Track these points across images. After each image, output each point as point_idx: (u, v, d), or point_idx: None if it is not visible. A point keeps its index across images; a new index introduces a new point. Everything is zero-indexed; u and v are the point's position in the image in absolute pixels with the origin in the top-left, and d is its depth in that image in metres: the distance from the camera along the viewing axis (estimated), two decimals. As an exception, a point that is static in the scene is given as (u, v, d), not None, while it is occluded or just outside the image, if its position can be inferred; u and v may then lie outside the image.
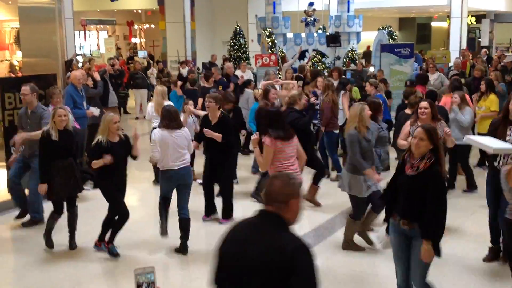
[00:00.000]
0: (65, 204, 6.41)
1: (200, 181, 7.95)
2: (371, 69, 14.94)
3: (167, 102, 8.48)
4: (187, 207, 6.31)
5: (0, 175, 8.29)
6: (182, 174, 6.24)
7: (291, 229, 2.72)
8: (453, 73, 11.14)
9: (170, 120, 6.17)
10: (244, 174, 9.45)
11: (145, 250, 6.46)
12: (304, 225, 6.90)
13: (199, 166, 8.39)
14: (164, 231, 6.45)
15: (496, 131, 5.51)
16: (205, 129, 7.09)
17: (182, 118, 7.87)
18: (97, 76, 10.42)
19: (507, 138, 5.41)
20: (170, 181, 6.28)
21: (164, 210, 6.46)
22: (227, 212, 7.27)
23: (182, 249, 6.25)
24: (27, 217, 7.28)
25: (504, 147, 5.26)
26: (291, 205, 2.72)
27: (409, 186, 4.27)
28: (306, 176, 7.41)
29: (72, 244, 6.40)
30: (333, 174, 9.21)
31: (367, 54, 22.38)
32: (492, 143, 5.25)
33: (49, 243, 6.37)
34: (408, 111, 8.20)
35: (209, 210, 7.37)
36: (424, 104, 6.31)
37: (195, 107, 9.16)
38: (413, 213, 4.27)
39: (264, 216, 2.76)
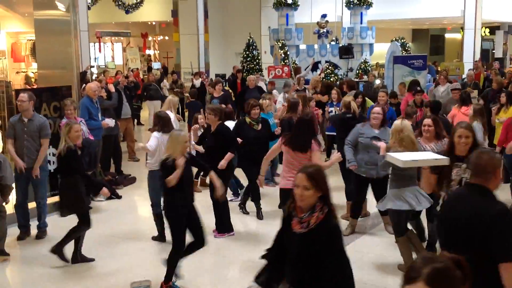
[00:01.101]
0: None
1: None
2: (377, 81, 14.95)
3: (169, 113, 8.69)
4: None
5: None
6: None
7: (493, 197, 3.22)
8: (452, 87, 10.98)
9: (163, 125, 6.78)
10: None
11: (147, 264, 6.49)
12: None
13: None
14: (163, 238, 6.93)
15: (442, 167, 4.64)
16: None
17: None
18: (111, 87, 10.52)
19: (453, 176, 4.60)
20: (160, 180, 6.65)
21: (162, 221, 6.74)
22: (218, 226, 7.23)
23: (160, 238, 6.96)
24: (32, 230, 7.29)
25: (416, 158, 4.65)
26: (497, 174, 3.25)
27: (299, 248, 3.34)
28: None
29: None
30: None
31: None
32: (404, 157, 4.64)
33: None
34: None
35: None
36: (428, 121, 6.18)
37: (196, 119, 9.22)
38: (306, 284, 3.37)
39: (470, 187, 3.33)
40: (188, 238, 5.61)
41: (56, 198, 8.38)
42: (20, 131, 7.04)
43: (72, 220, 6.52)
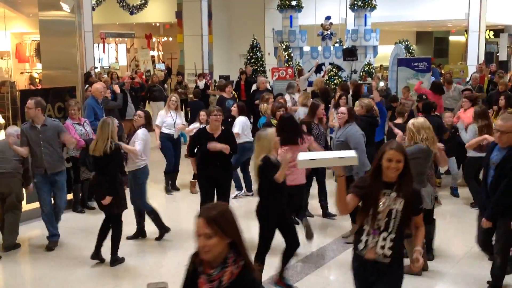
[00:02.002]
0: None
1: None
2: (381, 83, 14.91)
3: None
4: None
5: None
6: None
7: None
8: (464, 88, 10.94)
9: (149, 123, 7.11)
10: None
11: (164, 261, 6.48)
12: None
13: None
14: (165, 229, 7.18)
15: (366, 194, 3.86)
16: (210, 142, 6.73)
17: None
18: (117, 88, 10.55)
19: (380, 207, 3.78)
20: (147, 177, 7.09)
21: (158, 216, 7.15)
22: None
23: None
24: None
25: (314, 157, 3.79)
26: None
27: None
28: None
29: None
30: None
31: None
32: (303, 156, 3.86)
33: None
34: (399, 120, 8.31)
35: None
36: None
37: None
38: None
39: None
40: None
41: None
42: (36, 138, 6.83)
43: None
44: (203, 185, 6.97)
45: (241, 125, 8.83)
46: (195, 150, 7.01)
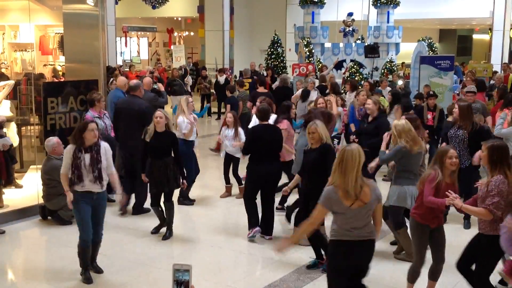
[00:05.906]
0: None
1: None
2: (399, 82, 14.76)
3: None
4: None
5: (34, 178, 8.41)
6: None
7: None
8: (467, 89, 10.67)
9: None
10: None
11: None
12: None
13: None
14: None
15: None
16: None
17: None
18: (161, 87, 10.63)
19: None
20: None
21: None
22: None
23: None
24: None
25: None
26: None
27: None
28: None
29: (167, 234, 6.96)
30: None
31: None
32: None
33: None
34: (450, 119, 8.42)
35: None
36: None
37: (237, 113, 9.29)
38: None
39: None
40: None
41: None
42: None
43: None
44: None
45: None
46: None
